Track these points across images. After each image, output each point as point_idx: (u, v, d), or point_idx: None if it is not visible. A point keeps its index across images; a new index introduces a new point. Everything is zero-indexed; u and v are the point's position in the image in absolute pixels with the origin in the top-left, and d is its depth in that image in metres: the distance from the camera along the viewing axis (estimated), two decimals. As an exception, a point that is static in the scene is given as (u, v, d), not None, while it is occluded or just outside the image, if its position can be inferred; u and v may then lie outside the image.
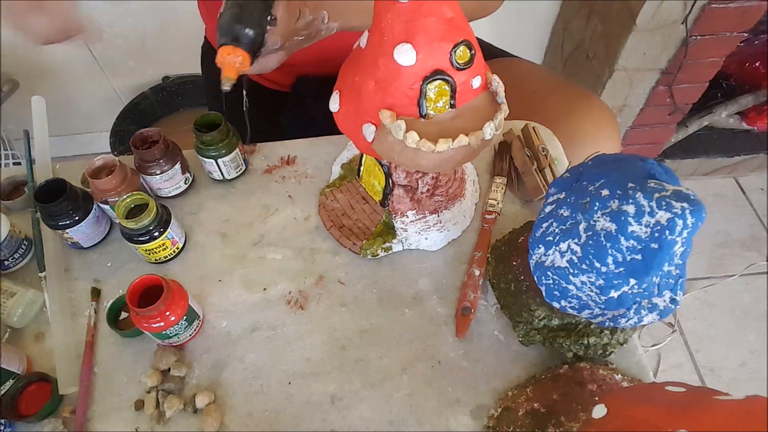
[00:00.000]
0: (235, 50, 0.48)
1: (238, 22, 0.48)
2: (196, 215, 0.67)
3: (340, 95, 0.52)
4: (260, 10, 0.49)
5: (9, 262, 0.61)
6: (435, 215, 0.62)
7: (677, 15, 1.12)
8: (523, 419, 0.49)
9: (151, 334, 0.53)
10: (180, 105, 1.61)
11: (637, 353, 0.56)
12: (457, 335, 0.57)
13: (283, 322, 0.59)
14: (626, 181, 0.41)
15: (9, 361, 0.53)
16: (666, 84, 1.28)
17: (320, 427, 0.52)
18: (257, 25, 0.48)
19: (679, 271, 0.44)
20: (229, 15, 0.48)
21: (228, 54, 0.48)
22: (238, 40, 0.48)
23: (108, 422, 0.53)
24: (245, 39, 0.48)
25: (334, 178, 0.69)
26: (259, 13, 0.49)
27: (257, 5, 0.49)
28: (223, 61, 0.49)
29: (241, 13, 0.48)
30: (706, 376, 1.33)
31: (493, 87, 0.49)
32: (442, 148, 0.45)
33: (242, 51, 0.49)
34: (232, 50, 0.48)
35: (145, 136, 0.64)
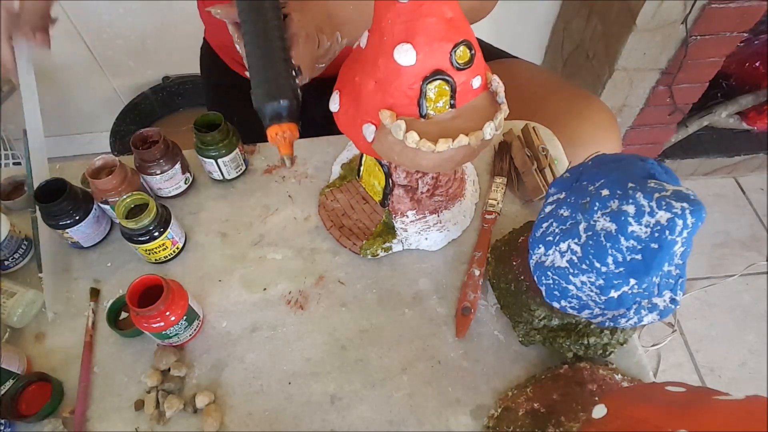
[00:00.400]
0: (281, 127, 0.48)
1: (272, 99, 0.47)
2: (196, 215, 0.67)
3: (340, 95, 0.52)
4: (285, 74, 0.48)
5: (9, 262, 0.61)
6: (435, 215, 0.62)
7: (677, 15, 1.12)
8: (523, 419, 0.49)
9: (151, 334, 0.53)
10: (180, 105, 1.61)
11: (637, 353, 0.56)
12: (457, 335, 0.57)
13: (283, 322, 0.59)
14: (626, 181, 0.41)
15: (9, 361, 0.53)
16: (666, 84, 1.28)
17: (320, 427, 0.52)
18: (289, 91, 0.48)
19: (679, 271, 0.44)
20: (260, 95, 0.48)
21: (276, 134, 0.48)
22: (280, 116, 0.48)
23: (108, 422, 0.53)
24: (285, 112, 0.48)
25: (334, 178, 0.69)
26: (285, 77, 0.48)
27: (281, 71, 0.48)
28: (275, 141, 0.49)
29: (270, 89, 0.47)
30: (706, 376, 1.33)
31: (493, 87, 0.49)
32: (442, 148, 0.45)
33: (287, 125, 0.48)
34: (278, 128, 0.48)
35: (145, 136, 0.64)
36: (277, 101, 0.47)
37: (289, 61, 0.49)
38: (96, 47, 1.43)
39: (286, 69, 0.49)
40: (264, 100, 0.47)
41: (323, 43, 0.57)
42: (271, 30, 0.49)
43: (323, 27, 0.57)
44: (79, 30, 1.37)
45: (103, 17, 1.35)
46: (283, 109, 0.47)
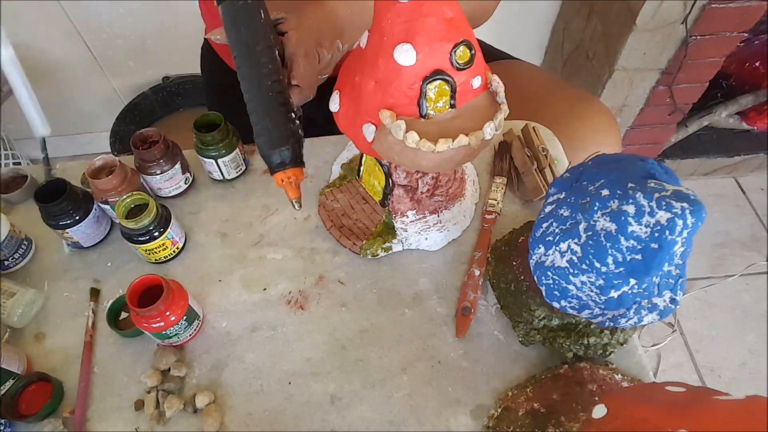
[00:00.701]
0: (286, 173, 0.50)
1: (274, 147, 0.48)
2: (196, 215, 0.67)
3: (340, 95, 0.52)
4: (285, 121, 0.49)
5: (9, 262, 0.61)
6: (435, 215, 0.62)
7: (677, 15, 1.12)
8: (523, 419, 0.49)
9: (151, 334, 0.53)
10: (180, 105, 1.61)
11: (637, 353, 0.56)
12: (457, 335, 0.57)
13: (283, 322, 0.59)
14: (626, 181, 0.41)
15: (9, 361, 0.53)
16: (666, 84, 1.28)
17: (320, 427, 0.52)
18: (291, 136, 0.49)
19: (679, 271, 0.44)
20: (263, 145, 0.49)
21: (282, 180, 0.50)
22: (284, 164, 0.49)
23: (108, 422, 0.53)
24: (288, 159, 0.49)
25: (334, 178, 0.69)
26: (285, 124, 0.49)
27: (281, 119, 0.49)
28: (282, 186, 0.50)
29: (272, 138, 0.48)
30: (706, 376, 1.33)
31: (493, 87, 0.49)
32: (442, 148, 0.45)
33: (292, 170, 0.50)
34: (284, 175, 0.50)
35: (145, 136, 0.64)
36: (280, 150, 0.48)
37: (288, 104, 0.50)
38: (96, 47, 1.43)
39: (286, 114, 0.49)
40: (267, 149, 0.49)
41: (323, 58, 0.57)
42: (266, 75, 0.49)
43: (322, 40, 0.56)
44: (79, 30, 1.37)
45: (103, 17, 1.35)
46: (286, 157, 0.49)
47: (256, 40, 0.50)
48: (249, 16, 0.50)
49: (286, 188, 0.51)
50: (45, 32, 1.36)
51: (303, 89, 0.56)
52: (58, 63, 1.45)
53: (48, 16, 1.32)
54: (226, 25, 0.51)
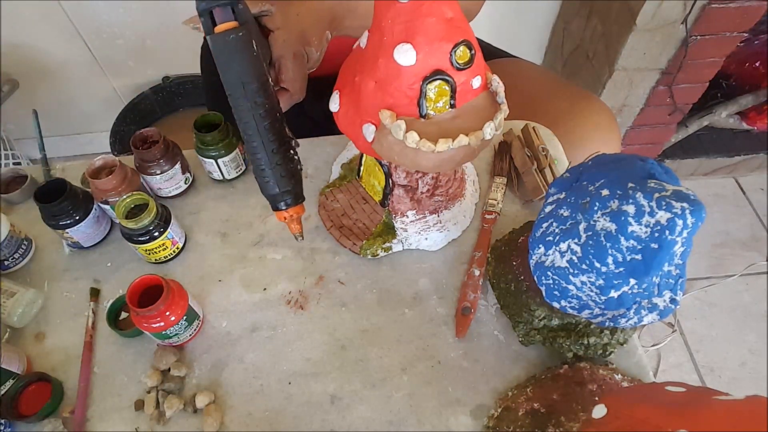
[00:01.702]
0: (288, 212, 0.51)
1: (276, 188, 0.49)
2: (196, 215, 0.67)
3: (340, 95, 0.52)
4: (286, 161, 0.49)
5: (9, 262, 0.61)
6: (435, 215, 0.62)
7: (677, 15, 1.12)
8: (523, 419, 0.49)
9: (151, 334, 0.53)
10: (180, 105, 1.61)
11: (637, 353, 0.56)
12: (457, 335, 0.57)
13: (283, 322, 0.59)
14: (626, 181, 0.41)
15: (9, 361, 0.53)
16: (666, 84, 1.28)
17: (320, 427, 0.52)
18: (292, 177, 0.50)
19: (679, 271, 0.44)
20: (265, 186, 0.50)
21: (285, 219, 0.51)
22: (286, 203, 0.51)
23: (108, 422, 0.53)
24: (290, 199, 0.51)
25: (334, 178, 0.69)
26: (286, 164, 0.49)
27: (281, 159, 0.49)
28: (285, 222, 0.52)
29: (274, 182, 0.49)
30: (706, 376, 1.33)
31: (493, 87, 0.49)
32: (442, 148, 0.45)
33: (294, 208, 0.51)
34: (286, 213, 0.51)
35: (145, 136, 0.64)
36: (281, 192, 0.50)
37: (287, 143, 0.50)
38: (96, 47, 1.43)
39: (285, 154, 0.49)
40: (273, 190, 0.50)
41: (312, 57, 0.56)
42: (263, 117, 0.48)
43: (310, 38, 0.55)
44: (79, 30, 1.38)
45: (103, 17, 1.35)
46: (288, 198, 0.50)
47: (250, 77, 0.47)
48: (241, 51, 0.46)
49: (289, 224, 0.52)
50: (45, 32, 1.36)
51: (293, 93, 0.55)
52: (58, 63, 1.45)
53: (48, 16, 1.32)
54: (218, 60, 0.46)
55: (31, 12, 1.31)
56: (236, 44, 0.45)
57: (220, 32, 0.45)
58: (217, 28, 0.45)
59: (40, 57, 1.42)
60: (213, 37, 0.45)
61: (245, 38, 0.45)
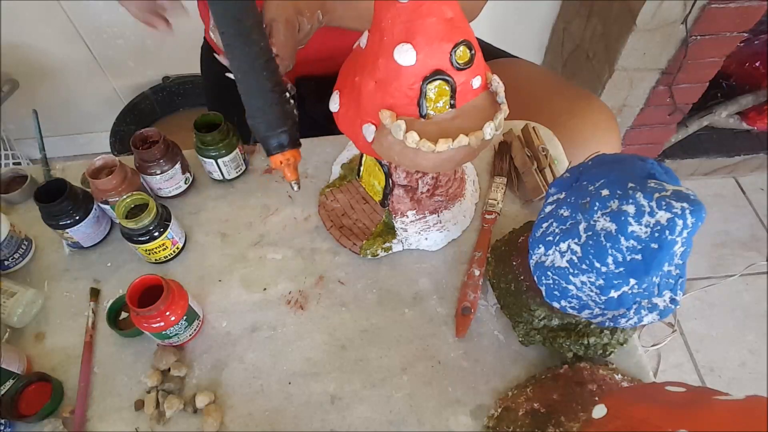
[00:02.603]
0: (284, 155, 0.49)
1: (272, 129, 0.48)
2: (196, 215, 0.67)
3: (340, 95, 0.52)
4: (281, 102, 0.48)
5: (9, 262, 0.61)
6: (435, 215, 0.62)
7: (677, 15, 1.12)
8: (523, 419, 0.49)
9: (151, 334, 0.53)
10: (180, 105, 1.61)
11: (637, 353, 0.56)
12: (457, 335, 0.57)
13: (283, 322, 0.59)
14: (626, 181, 0.41)
15: (9, 361, 0.53)
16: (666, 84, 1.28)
17: (320, 427, 0.52)
18: (288, 118, 0.48)
19: (679, 271, 0.44)
20: (260, 126, 0.48)
21: (281, 162, 0.50)
22: (282, 146, 0.49)
23: (108, 422, 0.53)
24: (286, 141, 0.49)
25: (334, 178, 0.69)
26: (282, 105, 0.48)
27: (277, 100, 0.48)
28: (280, 168, 0.50)
29: (269, 120, 0.48)
30: (706, 376, 1.33)
31: (493, 87, 0.49)
32: (442, 148, 0.45)
33: (290, 152, 0.49)
34: (282, 157, 0.49)
35: (145, 136, 0.64)
36: (278, 132, 0.48)
37: (281, 85, 0.48)
38: (96, 47, 1.43)
39: (281, 95, 0.48)
40: (265, 132, 0.48)
41: (303, 27, 0.54)
42: (259, 54, 0.47)
43: (303, 9, 0.54)
44: (79, 30, 1.38)
45: (103, 17, 1.35)
46: (284, 140, 0.48)
47: (246, 14, 0.46)
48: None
49: (285, 170, 0.51)
50: (45, 32, 1.36)
51: (283, 59, 0.53)
52: (58, 63, 1.45)
53: (48, 16, 1.32)
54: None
55: (31, 12, 1.31)
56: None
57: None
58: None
59: (40, 57, 1.42)
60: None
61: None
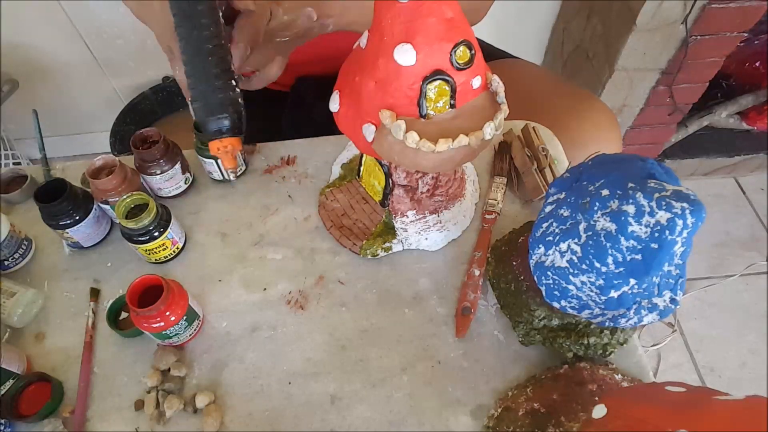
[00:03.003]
0: (221, 142, 0.48)
1: (211, 114, 0.46)
2: (196, 215, 0.67)
3: (340, 95, 0.52)
4: (224, 88, 0.46)
5: (9, 262, 0.61)
6: (435, 215, 0.62)
7: (677, 15, 1.12)
8: (523, 419, 0.49)
9: (151, 334, 0.53)
10: (180, 105, 1.61)
11: (637, 353, 0.56)
12: (457, 335, 0.57)
13: (283, 322, 0.59)
14: (626, 181, 0.41)
15: (9, 361, 0.53)
16: (666, 84, 1.28)
17: (320, 427, 0.52)
18: (228, 106, 0.46)
19: (679, 271, 0.44)
20: (199, 109, 0.46)
21: (218, 149, 0.48)
22: (221, 132, 0.47)
23: (108, 422, 0.53)
24: (225, 128, 0.47)
25: (334, 178, 0.69)
26: (224, 91, 0.46)
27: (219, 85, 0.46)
28: (217, 155, 0.49)
29: (209, 104, 0.46)
30: (706, 376, 1.33)
31: (493, 87, 0.49)
32: (442, 148, 0.45)
33: (229, 139, 0.48)
34: (220, 143, 0.48)
35: (145, 136, 0.64)
36: (217, 117, 0.46)
37: (229, 72, 0.47)
38: (96, 47, 1.43)
39: (226, 81, 0.47)
40: (204, 116, 0.46)
41: (276, 16, 0.53)
42: (207, 39, 0.46)
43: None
44: (79, 30, 1.38)
45: (103, 17, 1.35)
46: (223, 126, 0.47)
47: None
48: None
49: (222, 158, 0.49)
50: (45, 32, 1.36)
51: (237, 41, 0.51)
52: (58, 63, 1.45)
53: (48, 16, 1.32)
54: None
55: (31, 12, 1.31)
56: None
57: None
58: None
59: (40, 57, 1.42)
60: None
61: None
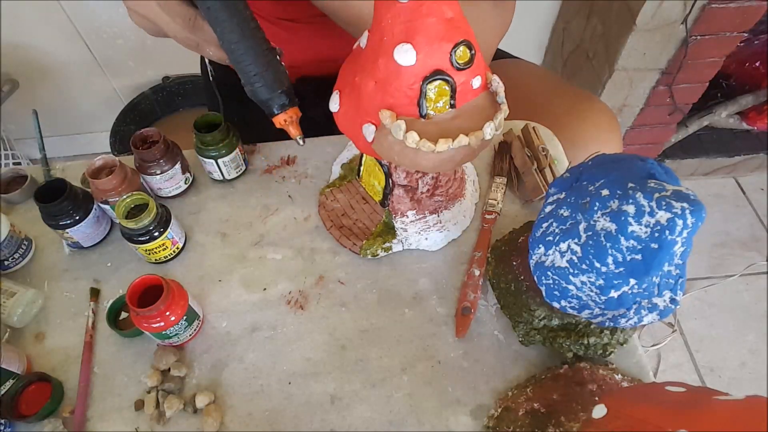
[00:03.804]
0: (287, 114, 0.53)
1: (273, 90, 0.51)
2: (196, 215, 0.67)
3: (340, 95, 0.52)
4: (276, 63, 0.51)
5: (9, 262, 0.61)
6: (435, 215, 0.62)
7: (677, 15, 1.12)
8: (523, 419, 0.49)
9: (151, 334, 0.53)
10: (180, 105, 1.61)
11: (637, 353, 0.56)
12: (457, 335, 0.57)
13: (283, 322, 0.59)
14: (626, 181, 0.41)
15: (9, 361, 0.53)
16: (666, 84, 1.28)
17: (320, 427, 0.52)
18: (285, 79, 0.51)
19: (679, 271, 0.44)
20: (261, 89, 0.51)
21: (284, 120, 0.53)
22: (284, 104, 0.52)
23: (108, 422, 0.53)
24: (286, 100, 0.52)
25: (334, 178, 0.69)
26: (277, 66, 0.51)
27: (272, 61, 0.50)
28: (284, 126, 0.54)
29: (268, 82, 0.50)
30: (706, 376, 1.33)
31: (493, 87, 0.49)
32: (442, 148, 0.45)
33: (291, 110, 0.53)
34: (285, 115, 0.53)
35: (145, 136, 0.64)
36: (278, 93, 0.51)
37: (272, 48, 0.51)
38: (96, 47, 1.43)
39: (274, 58, 0.51)
40: (267, 94, 0.51)
41: None
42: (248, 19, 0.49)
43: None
44: (79, 30, 1.38)
45: (103, 17, 1.35)
46: (284, 99, 0.52)
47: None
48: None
49: (289, 128, 0.54)
50: (45, 32, 1.36)
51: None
52: (58, 63, 1.45)
53: (48, 16, 1.32)
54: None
55: (31, 12, 1.31)
56: None
57: None
58: None
59: (40, 57, 1.42)
60: None
61: None
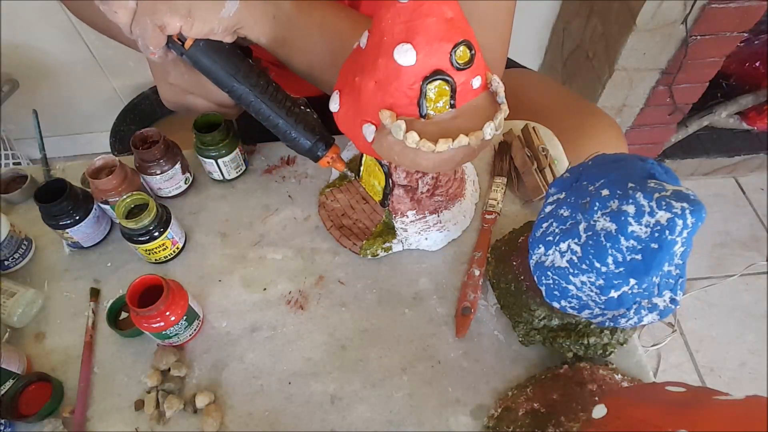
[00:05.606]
0: (327, 156, 0.58)
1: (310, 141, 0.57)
2: (196, 215, 0.67)
3: (340, 95, 0.52)
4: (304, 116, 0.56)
5: (9, 262, 0.61)
6: (435, 215, 0.62)
7: (677, 15, 1.12)
8: (523, 419, 0.49)
9: (151, 334, 0.53)
10: (180, 105, 1.61)
11: (637, 353, 0.56)
12: (457, 335, 0.57)
13: (283, 322, 0.59)
14: (626, 181, 0.41)
15: (9, 361, 0.53)
16: (666, 84, 1.28)
17: (320, 427, 0.52)
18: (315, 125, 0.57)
19: (679, 271, 0.44)
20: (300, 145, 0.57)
21: (328, 162, 0.59)
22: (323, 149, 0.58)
23: (108, 422, 0.53)
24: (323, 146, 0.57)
25: (334, 178, 0.69)
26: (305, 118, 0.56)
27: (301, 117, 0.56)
28: (329, 166, 0.59)
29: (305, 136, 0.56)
30: (706, 376, 1.33)
31: (493, 87, 0.49)
32: (442, 148, 0.45)
33: (331, 151, 0.58)
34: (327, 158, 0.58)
35: (145, 136, 0.64)
36: (315, 143, 0.57)
37: (295, 100, 0.56)
38: (96, 47, 1.43)
39: (301, 112, 0.56)
40: (306, 146, 0.57)
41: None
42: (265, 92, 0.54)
43: None
44: (79, 30, 1.38)
45: (103, 17, 1.35)
46: (321, 146, 0.57)
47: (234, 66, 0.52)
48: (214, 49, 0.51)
49: (333, 166, 0.59)
50: (45, 32, 1.36)
51: None
52: (58, 63, 1.45)
53: (48, 16, 1.32)
54: (202, 67, 0.52)
55: (31, 12, 1.31)
56: (207, 46, 0.51)
57: (190, 46, 0.51)
58: (186, 44, 0.50)
59: (40, 57, 1.42)
60: (189, 53, 0.51)
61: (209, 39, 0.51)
